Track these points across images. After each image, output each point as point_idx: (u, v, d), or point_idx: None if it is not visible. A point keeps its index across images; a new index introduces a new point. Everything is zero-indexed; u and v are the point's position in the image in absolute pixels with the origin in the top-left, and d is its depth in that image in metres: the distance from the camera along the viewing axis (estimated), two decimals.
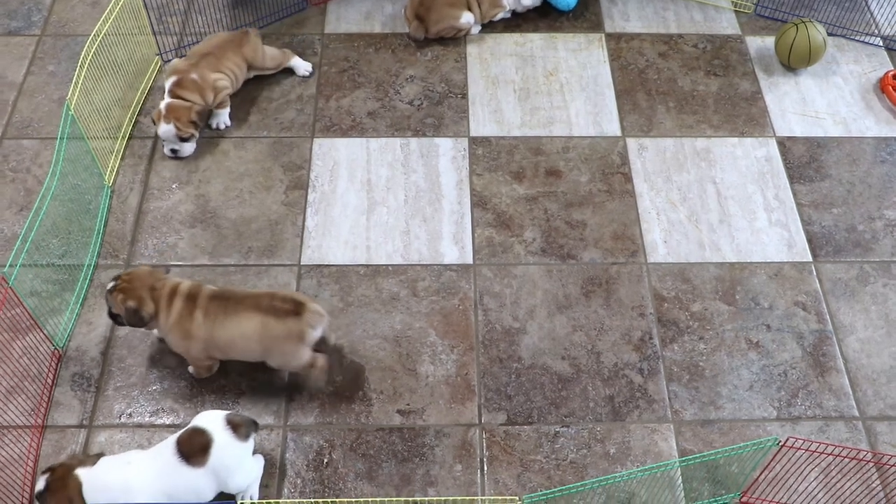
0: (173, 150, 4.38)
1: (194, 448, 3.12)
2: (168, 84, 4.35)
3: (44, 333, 3.69)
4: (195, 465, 3.11)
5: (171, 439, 3.18)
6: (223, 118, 4.53)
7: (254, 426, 3.26)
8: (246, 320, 3.39)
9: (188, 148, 4.39)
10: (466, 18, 4.89)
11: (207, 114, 4.38)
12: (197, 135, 4.37)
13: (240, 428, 3.19)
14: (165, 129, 4.29)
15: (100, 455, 3.23)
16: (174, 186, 4.32)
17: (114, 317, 3.54)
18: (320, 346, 3.57)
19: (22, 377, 3.62)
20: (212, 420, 3.19)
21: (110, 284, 3.49)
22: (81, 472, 3.13)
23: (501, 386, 3.70)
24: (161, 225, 4.18)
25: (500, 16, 5.04)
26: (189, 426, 3.21)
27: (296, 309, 3.41)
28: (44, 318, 3.76)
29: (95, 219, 4.14)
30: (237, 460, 3.18)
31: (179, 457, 3.11)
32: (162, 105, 4.29)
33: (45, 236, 3.93)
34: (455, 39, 4.99)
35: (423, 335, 3.84)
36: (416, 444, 3.54)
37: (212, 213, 4.23)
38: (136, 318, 3.45)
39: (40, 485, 3.15)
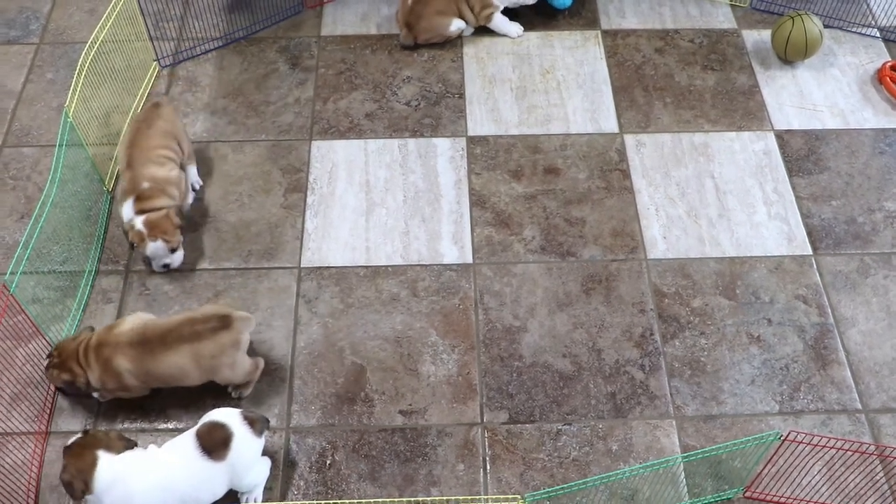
0: (165, 265, 3.98)
1: (216, 442, 3.16)
2: (128, 206, 3.92)
3: (46, 340, 3.70)
4: (216, 459, 3.15)
5: (188, 435, 3.20)
6: (193, 176, 4.29)
7: (266, 423, 3.31)
8: (174, 355, 3.40)
9: (178, 256, 3.99)
10: (456, 25, 4.88)
11: (180, 209, 3.99)
12: (182, 238, 3.99)
13: (256, 423, 3.24)
14: (154, 247, 3.87)
15: (130, 443, 3.23)
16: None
17: (61, 389, 3.62)
18: (251, 351, 3.62)
19: (25, 384, 3.64)
20: (229, 415, 3.23)
21: (46, 362, 3.53)
22: (102, 456, 3.13)
23: (503, 385, 3.71)
24: None
25: (495, 20, 4.98)
26: (205, 422, 3.23)
27: (223, 323, 3.42)
28: (46, 325, 3.77)
29: (96, 225, 4.15)
30: (254, 455, 3.24)
31: (201, 451, 3.14)
32: (137, 225, 3.86)
33: (45, 243, 3.94)
34: (451, 40, 4.99)
35: (423, 335, 3.85)
36: (419, 445, 3.55)
37: (211, 218, 4.24)
38: (75, 389, 3.50)
39: (72, 440, 3.21)
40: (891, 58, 4.92)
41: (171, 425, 3.58)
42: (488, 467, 3.49)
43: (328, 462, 3.50)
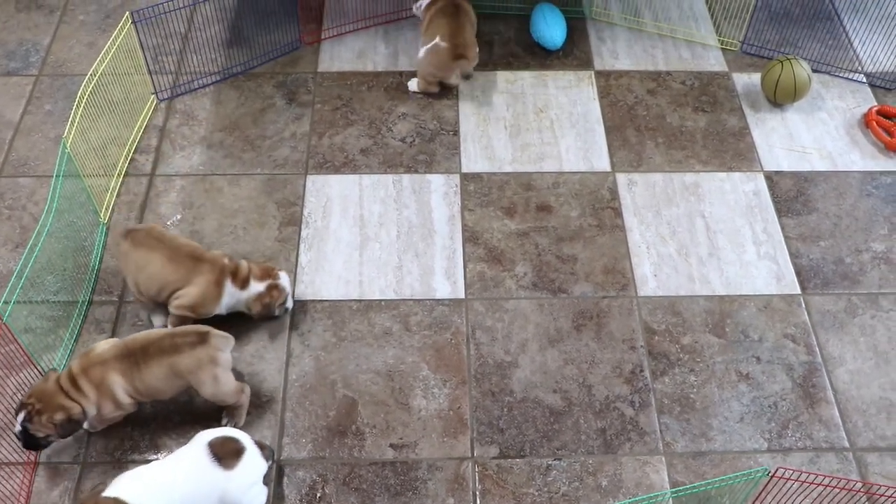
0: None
1: (228, 451, 3.22)
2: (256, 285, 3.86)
3: (38, 370, 3.70)
4: (226, 468, 3.19)
5: (194, 446, 3.24)
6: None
7: (272, 453, 3.40)
8: (156, 366, 3.43)
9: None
10: None
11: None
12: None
13: (264, 449, 3.34)
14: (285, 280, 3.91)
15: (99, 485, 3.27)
16: (169, 223, 4.36)
17: (37, 443, 3.42)
18: (239, 379, 3.65)
19: (16, 414, 3.62)
20: (240, 434, 3.31)
21: (22, 415, 3.34)
22: (115, 491, 3.12)
23: (494, 419, 3.72)
24: None
25: None
26: (218, 434, 3.27)
27: (200, 339, 3.46)
28: (38, 354, 3.77)
29: (90, 255, 4.17)
30: (256, 476, 3.29)
31: (213, 457, 3.19)
32: (283, 282, 3.90)
33: (40, 273, 3.95)
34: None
35: (415, 369, 3.86)
36: (409, 478, 3.55)
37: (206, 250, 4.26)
38: (74, 425, 3.40)
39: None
40: (877, 102, 5.01)
41: (161, 456, 3.57)
42: (478, 502, 3.49)
43: (318, 495, 3.50)
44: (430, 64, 4.84)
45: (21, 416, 3.36)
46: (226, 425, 3.61)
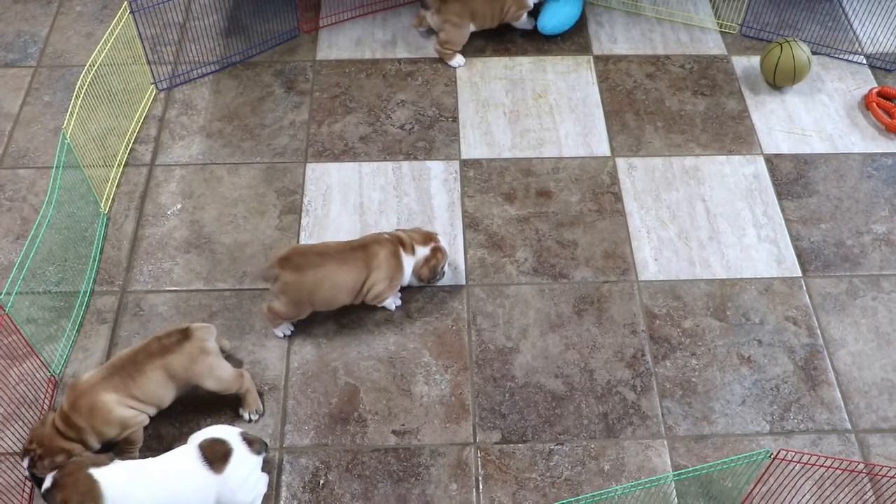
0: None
1: (217, 455, 3.22)
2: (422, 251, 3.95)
3: (40, 360, 3.71)
4: (215, 472, 3.20)
5: (188, 447, 3.25)
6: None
7: (265, 445, 3.37)
8: (150, 373, 3.41)
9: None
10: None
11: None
12: None
13: (254, 444, 3.31)
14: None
15: (110, 456, 3.26)
16: (169, 213, 4.37)
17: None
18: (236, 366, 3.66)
19: (18, 404, 3.64)
20: (229, 433, 3.30)
21: (26, 461, 3.33)
22: (97, 472, 3.14)
23: (495, 405, 3.73)
24: (156, 251, 4.21)
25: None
26: (208, 436, 3.27)
27: (184, 335, 3.47)
28: (40, 344, 3.78)
29: (91, 246, 4.17)
30: (248, 473, 3.27)
31: (203, 461, 3.20)
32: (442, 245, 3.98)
33: (41, 264, 3.96)
34: (445, 64, 5.05)
35: (417, 356, 3.87)
36: (412, 465, 3.56)
37: (206, 239, 4.27)
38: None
39: (47, 482, 3.14)
40: (877, 84, 4.99)
41: (161, 448, 3.57)
42: (481, 487, 3.50)
43: (321, 482, 3.51)
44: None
45: (26, 461, 3.35)
46: (249, 419, 3.64)
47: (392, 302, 3.98)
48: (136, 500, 3.14)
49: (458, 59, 5.04)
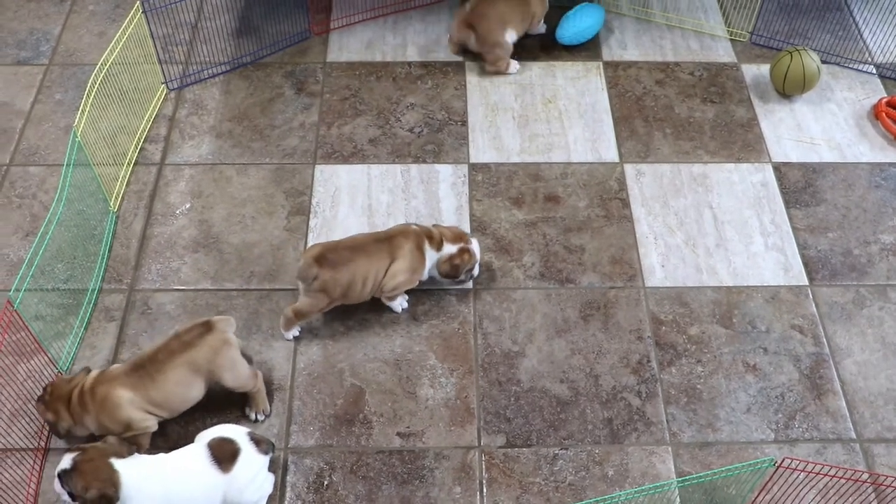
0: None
1: (225, 454, 3.24)
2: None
3: (48, 357, 3.73)
4: (223, 471, 3.23)
5: (196, 445, 3.28)
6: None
7: (272, 445, 3.38)
8: (171, 371, 3.41)
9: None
10: (512, 37, 5.00)
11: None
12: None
13: (261, 443, 3.33)
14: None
15: (131, 448, 3.27)
16: (178, 212, 4.38)
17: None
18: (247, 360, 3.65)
19: (26, 400, 3.66)
20: (237, 432, 3.32)
21: (38, 395, 3.48)
22: (118, 462, 3.15)
23: (500, 409, 3.73)
24: (165, 250, 4.23)
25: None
26: (216, 435, 3.29)
27: (205, 328, 3.48)
28: (48, 341, 3.80)
29: (100, 244, 4.19)
30: (255, 473, 3.29)
31: (212, 460, 3.22)
32: (473, 246, 3.99)
33: (50, 261, 3.98)
34: (456, 67, 5.07)
35: (422, 358, 3.88)
36: (416, 467, 3.56)
37: (214, 239, 4.28)
38: (55, 431, 3.46)
39: (65, 463, 3.13)
40: (886, 94, 4.99)
41: (168, 446, 3.59)
42: (485, 490, 3.51)
43: (326, 483, 3.52)
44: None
45: (39, 395, 3.45)
46: (255, 419, 3.65)
47: (399, 304, 3.99)
48: (150, 494, 3.16)
49: (513, 66, 5.06)
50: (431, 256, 3.90)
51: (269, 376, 3.80)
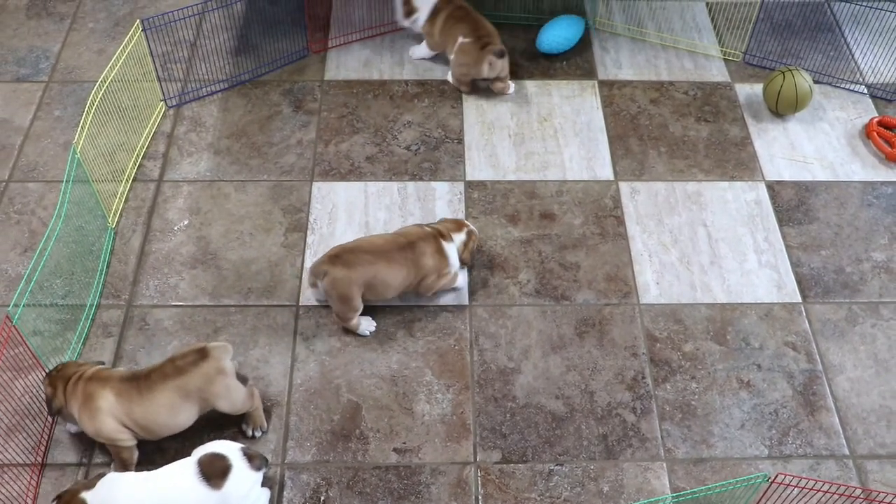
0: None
1: (216, 471, 3.24)
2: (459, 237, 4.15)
3: (46, 372, 3.74)
4: (213, 487, 3.22)
5: (189, 461, 3.28)
6: None
7: (265, 461, 3.38)
8: (160, 394, 3.42)
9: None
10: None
11: None
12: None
13: (254, 459, 3.32)
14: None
15: (100, 475, 3.29)
16: (176, 229, 4.41)
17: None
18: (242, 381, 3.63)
19: (23, 415, 3.67)
20: (230, 448, 3.32)
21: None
22: (87, 495, 3.19)
23: (496, 425, 3.75)
24: (163, 266, 4.25)
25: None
26: (207, 451, 3.29)
27: (201, 355, 3.47)
28: (46, 357, 3.81)
29: (98, 260, 4.21)
30: (248, 489, 3.29)
31: (201, 476, 3.22)
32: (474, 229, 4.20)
33: (48, 277, 4.00)
34: (452, 86, 5.12)
35: (419, 374, 3.90)
36: (412, 483, 3.58)
37: (212, 255, 4.31)
38: (49, 407, 3.49)
39: None
40: (878, 113, 5.05)
41: (165, 461, 3.59)
42: None
43: (322, 498, 3.53)
44: (461, 64, 4.95)
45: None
46: (251, 435, 3.66)
47: (460, 281, 4.16)
48: None
49: (511, 87, 5.11)
50: (452, 250, 4.03)
51: (266, 392, 3.82)
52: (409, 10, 5.11)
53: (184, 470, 3.27)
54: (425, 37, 5.15)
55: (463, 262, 4.11)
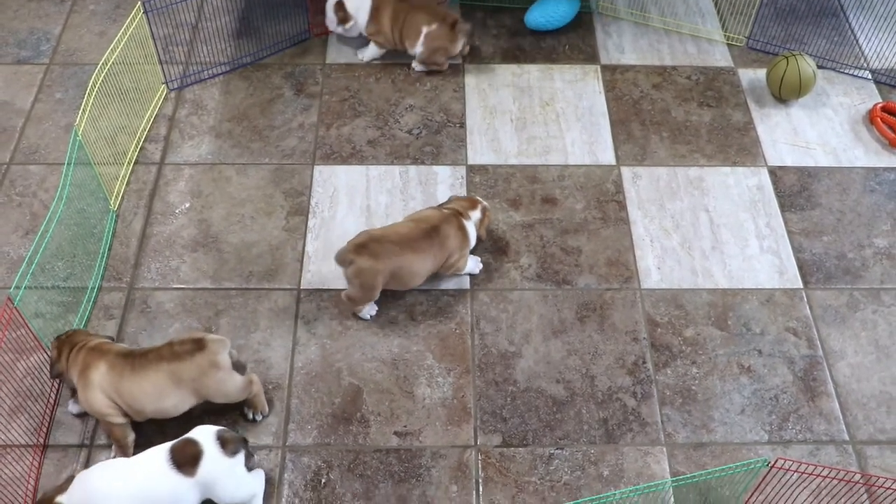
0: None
1: (186, 457, 3.22)
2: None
3: (47, 354, 3.75)
4: (185, 475, 3.21)
5: (163, 447, 3.27)
6: None
7: (243, 443, 3.33)
8: (152, 373, 3.42)
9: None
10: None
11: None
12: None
13: (228, 444, 3.27)
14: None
15: (70, 477, 3.28)
16: (177, 212, 4.41)
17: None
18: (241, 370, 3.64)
19: (25, 397, 3.69)
20: (204, 434, 3.29)
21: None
22: (62, 498, 3.20)
23: (497, 408, 3.76)
24: (164, 249, 4.26)
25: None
26: (184, 437, 3.29)
27: (197, 345, 3.46)
28: (48, 338, 3.82)
29: (100, 242, 4.22)
30: (224, 474, 3.26)
31: (172, 464, 3.21)
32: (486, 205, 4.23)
33: (50, 259, 4.00)
34: (454, 69, 5.10)
35: (420, 358, 3.90)
36: (413, 466, 3.59)
37: (214, 238, 4.31)
38: (50, 369, 3.55)
39: None
40: (882, 99, 5.03)
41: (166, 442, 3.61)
42: (481, 489, 3.53)
43: (323, 481, 3.54)
44: (436, 49, 4.93)
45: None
46: (253, 419, 3.66)
47: (475, 266, 4.16)
48: (106, 497, 3.18)
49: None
50: (472, 228, 4.07)
51: (266, 375, 3.83)
52: (344, 18, 4.98)
53: (157, 458, 3.24)
54: (371, 38, 5.06)
55: (479, 239, 4.13)
